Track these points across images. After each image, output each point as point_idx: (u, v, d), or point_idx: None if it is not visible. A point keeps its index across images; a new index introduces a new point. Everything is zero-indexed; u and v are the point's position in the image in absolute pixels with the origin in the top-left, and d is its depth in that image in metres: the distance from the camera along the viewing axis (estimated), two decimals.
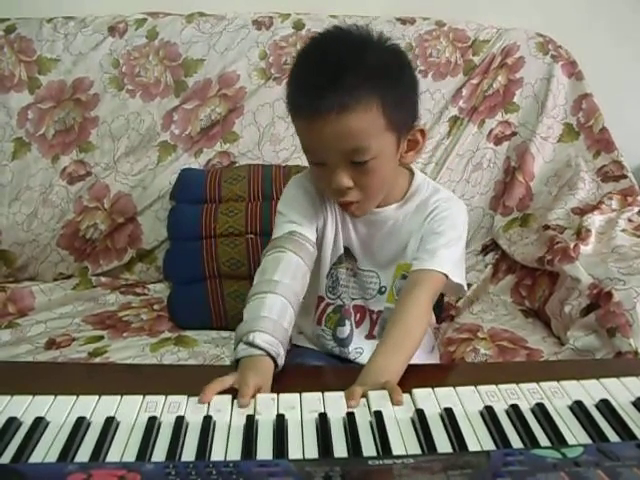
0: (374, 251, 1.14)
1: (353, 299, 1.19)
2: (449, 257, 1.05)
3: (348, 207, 1.05)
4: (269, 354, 0.92)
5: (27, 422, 0.76)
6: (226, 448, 0.71)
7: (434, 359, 1.28)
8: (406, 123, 1.01)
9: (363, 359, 1.17)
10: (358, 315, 1.19)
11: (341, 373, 1.09)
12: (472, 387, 0.84)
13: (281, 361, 0.94)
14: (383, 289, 1.16)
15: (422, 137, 1.05)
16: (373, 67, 0.94)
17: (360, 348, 1.19)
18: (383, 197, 1.08)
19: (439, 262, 1.04)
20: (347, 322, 1.19)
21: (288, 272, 1.03)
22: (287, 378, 0.91)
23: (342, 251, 1.15)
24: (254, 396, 0.82)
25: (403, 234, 1.11)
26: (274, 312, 0.97)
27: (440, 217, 1.08)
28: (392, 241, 1.12)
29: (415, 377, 0.89)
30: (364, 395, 0.82)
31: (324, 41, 1.00)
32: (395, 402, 0.80)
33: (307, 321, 1.23)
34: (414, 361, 0.96)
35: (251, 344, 0.92)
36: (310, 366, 1.16)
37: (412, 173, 1.13)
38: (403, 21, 1.91)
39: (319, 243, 1.13)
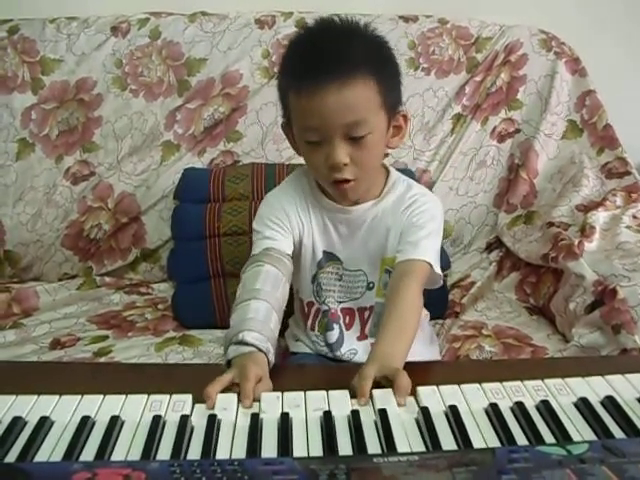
0: (357, 249, 1.16)
1: (340, 302, 1.20)
2: (431, 247, 1.10)
3: (343, 187, 1.06)
4: (259, 349, 0.93)
5: (32, 421, 0.76)
6: (231, 446, 0.72)
7: (434, 350, 1.29)
8: (395, 105, 1.08)
9: (358, 359, 1.19)
10: (347, 318, 1.21)
11: (346, 371, 1.09)
12: (477, 384, 0.84)
13: (272, 357, 0.95)
14: (371, 285, 1.18)
15: (405, 122, 1.11)
16: (367, 49, 1.03)
17: (353, 349, 1.20)
18: (365, 190, 1.11)
19: (423, 252, 1.07)
20: (335, 326, 1.20)
21: (268, 281, 1.06)
22: (291, 376, 0.92)
23: (321, 256, 1.17)
24: (256, 385, 0.84)
25: (382, 229, 1.14)
26: (260, 314, 1.00)
27: (419, 211, 1.12)
28: (373, 237, 1.15)
29: (420, 375, 0.89)
30: (375, 381, 0.83)
31: (317, 28, 1.08)
32: (397, 402, 0.80)
33: (302, 328, 1.25)
34: (415, 355, 0.96)
35: (241, 342, 0.94)
36: (314, 365, 1.16)
37: (387, 171, 1.18)
38: (406, 19, 1.91)
39: (297, 251, 1.16)
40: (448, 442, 0.72)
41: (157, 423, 0.75)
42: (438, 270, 1.10)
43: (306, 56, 1.02)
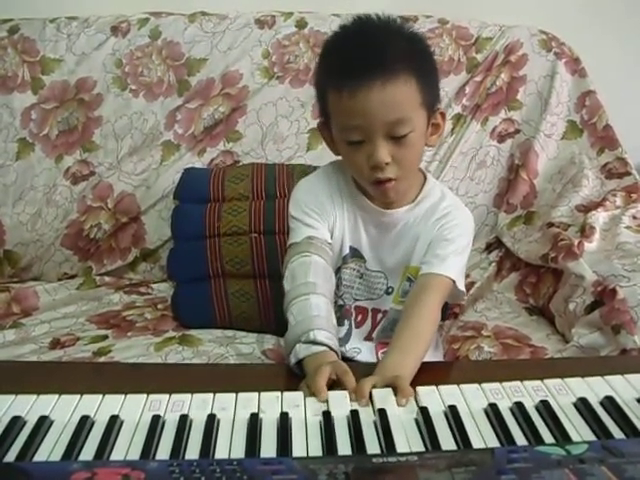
0: (383, 252, 1.15)
1: (356, 300, 1.19)
2: (457, 264, 1.08)
3: (384, 187, 1.04)
4: (331, 348, 0.95)
5: (32, 421, 0.76)
6: (230, 446, 0.72)
7: (439, 355, 1.29)
8: (434, 103, 1.07)
9: (360, 358, 1.19)
10: (360, 316, 1.20)
11: None
12: (476, 385, 0.84)
13: (340, 355, 0.97)
14: (390, 290, 1.17)
15: (442, 120, 1.11)
16: (406, 47, 1.02)
17: (357, 348, 1.20)
18: (405, 190, 1.09)
19: (448, 268, 1.06)
20: (346, 322, 1.20)
21: (319, 274, 1.06)
22: (291, 377, 0.91)
23: (347, 251, 1.16)
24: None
25: (411, 237, 1.13)
26: (322, 310, 1.01)
27: (451, 225, 1.10)
28: (401, 243, 1.14)
29: (419, 375, 0.89)
30: (375, 386, 0.83)
31: (354, 26, 1.05)
32: (398, 403, 0.81)
33: None
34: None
35: (313, 342, 0.94)
36: None
37: (424, 177, 1.16)
38: (406, 19, 1.89)
39: None
40: (447, 442, 0.72)
41: (156, 423, 0.75)
42: (462, 287, 1.09)
43: (346, 54, 1.01)
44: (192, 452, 0.70)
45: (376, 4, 1.89)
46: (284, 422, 0.75)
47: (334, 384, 0.86)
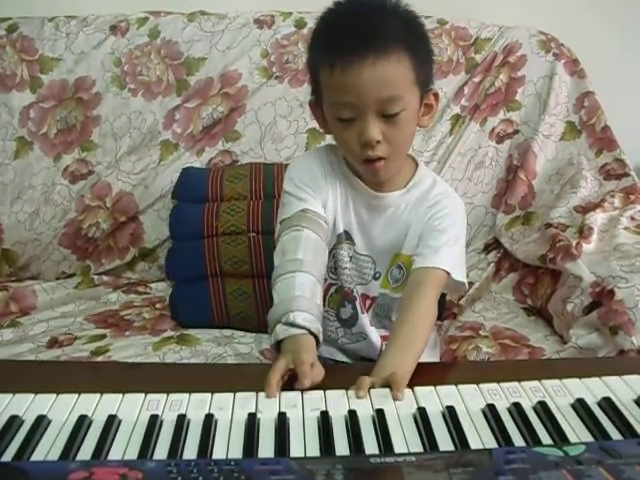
0: (372, 237, 1.15)
1: (353, 283, 1.18)
2: (451, 255, 1.07)
3: (375, 166, 1.04)
4: (310, 332, 0.94)
5: (29, 420, 0.76)
6: (228, 446, 0.71)
7: (436, 354, 1.29)
8: (427, 82, 1.06)
9: (365, 345, 1.18)
10: (359, 300, 1.19)
11: (342, 371, 1.09)
12: (474, 385, 0.84)
13: (321, 337, 0.96)
14: (377, 275, 1.16)
15: (436, 101, 1.10)
16: (400, 24, 1.00)
17: (363, 333, 1.18)
18: (396, 170, 1.08)
19: (442, 260, 1.05)
20: (348, 304, 1.18)
21: (309, 250, 1.05)
22: (289, 376, 0.91)
23: (341, 231, 1.15)
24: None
25: (402, 224, 1.12)
26: (307, 290, 0.99)
27: (442, 214, 1.10)
28: (390, 229, 1.13)
29: (417, 375, 0.89)
30: (373, 387, 0.83)
31: (348, 2, 1.03)
32: (393, 397, 0.81)
33: None
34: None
35: (292, 324, 0.94)
36: None
37: (416, 164, 1.16)
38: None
39: None
40: (445, 443, 0.72)
41: (154, 422, 0.75)
42: (459, 277, 1.07)
43: (339, 30, 1.00)
44: (190, 452, 0.70)
45: None
46: (282, 422, 0.75)
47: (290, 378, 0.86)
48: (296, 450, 0.70)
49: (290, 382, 0.87)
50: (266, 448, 0.71)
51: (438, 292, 1.06)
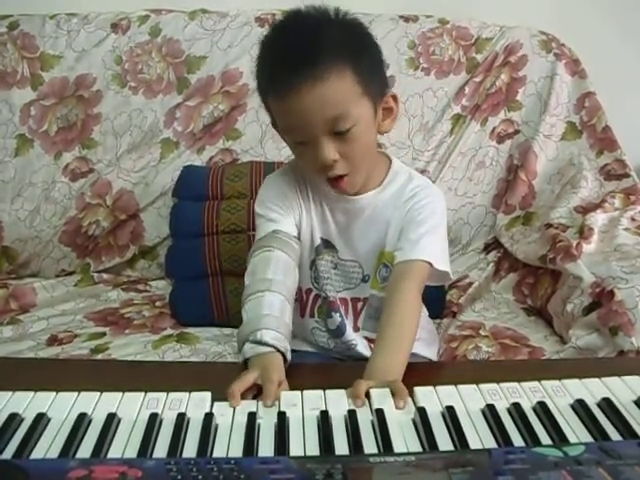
0: (354, 240, 1.14)
1: (337, 291, 1.18)
2: (432, 245, 1.06)
3: (338, 184, 1.04)
4: (278, 350, 0.93)
5: (29, 418, 0.76)
6: (228, 445, 0.71)
7: (433, 350, 1.28)
8: (379, 90, 1.03)
9: (359, 350, 1.17)
10: (343, 307, 1.19)
11: (342, 370, 1.09)
12: (474, 385, 0.84)
13: (289, 356, 0.95)
14: (367, 277, 1.16)
15: (395, 103, 1.08)
16: (339, 38, 0.97)
17: (354, 340, 1.18)
18: (363, 181, 1.08)
19: (422, 251, 1.05)
20: (335, 314, 1.18)
21: (279, 269, 1.05)
22: (288, 376, 0.91)
23: (319, 242, 1.15)
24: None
25: (382, 222, 1.12)
26: (275, 309, 0.99)
27: (419, 206, 1.09)
28: (371, 229, 1.13)
29: (417, 375, 0.89)
30: (368, 392, 0.83)
31: (285, 24, 1.04)
32: (397, 405, 0.80)
33: (297, 319, 1.21)
34: (417, 352, 0.96)
35: (259, 342, 0.93)
36: (311, 364, 1.16)
37: (390, 160, 1.15)
38: (406, 19, 1.90)
39: (297, 236, 1.14)
40: (445, 442, 0.72)
41: (154, 421, 0.75)
42: (442, 267, 1.06)
43: (275, 55, 0.99)
44: (189, 450, 0.70)
45: (376, 4, 1.92)
46: (282, 421, 0.75)
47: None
48: (296, 449, 0.70)
49: (288, 383, 0.87)
50: (266, 447, 0.71)
51: (421, 285, 1.05)
